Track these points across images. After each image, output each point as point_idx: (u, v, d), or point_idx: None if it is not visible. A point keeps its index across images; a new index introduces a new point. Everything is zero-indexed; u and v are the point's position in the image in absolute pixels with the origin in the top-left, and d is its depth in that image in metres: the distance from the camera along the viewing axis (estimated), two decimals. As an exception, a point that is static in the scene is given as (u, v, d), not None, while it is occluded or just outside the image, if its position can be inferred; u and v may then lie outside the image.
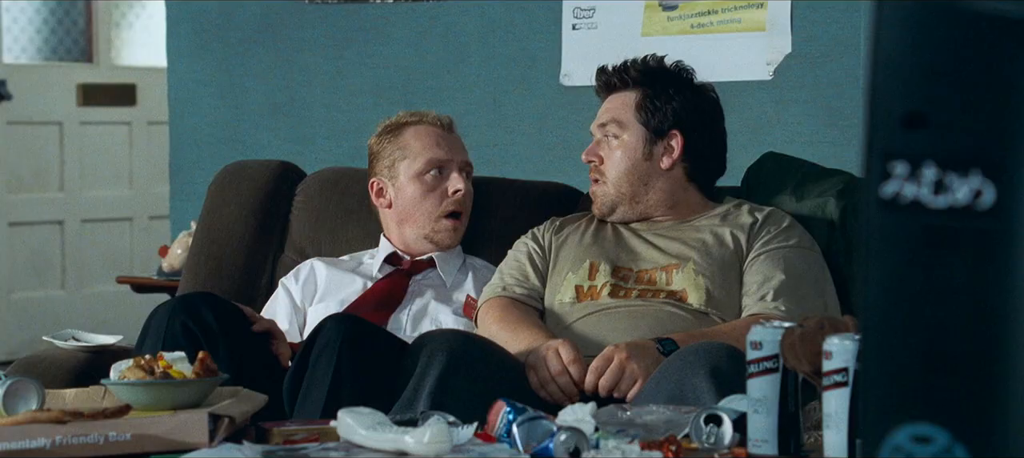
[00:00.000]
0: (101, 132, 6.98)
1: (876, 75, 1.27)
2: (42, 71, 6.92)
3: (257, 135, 4.65)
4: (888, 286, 1.28)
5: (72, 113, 6.89)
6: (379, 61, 4.49)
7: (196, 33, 4.76)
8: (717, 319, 3.05)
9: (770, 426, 2.32)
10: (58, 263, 6.81)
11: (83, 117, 6.92)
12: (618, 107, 3.25)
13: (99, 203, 6.97)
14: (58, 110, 6.85)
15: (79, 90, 6.88)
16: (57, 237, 6.87)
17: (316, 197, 3.67)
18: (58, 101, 6.85)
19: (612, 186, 3.24)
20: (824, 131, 3.93)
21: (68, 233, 6.88)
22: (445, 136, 3.42)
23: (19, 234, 6.75)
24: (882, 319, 1.28)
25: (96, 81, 6.93)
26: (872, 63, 1.28)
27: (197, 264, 3.67)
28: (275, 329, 3.14)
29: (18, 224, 6.75)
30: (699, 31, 4.07)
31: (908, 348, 1.27)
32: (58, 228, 6.86)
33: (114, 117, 7.01)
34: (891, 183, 1.26)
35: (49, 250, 6.84)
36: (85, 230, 6.93)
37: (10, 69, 6.76)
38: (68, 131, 6.88)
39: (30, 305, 6.69)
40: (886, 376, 1.28)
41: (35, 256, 6.76)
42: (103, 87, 6.91)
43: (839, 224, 3.26)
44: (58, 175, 6.89)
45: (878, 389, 1.28)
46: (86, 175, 6.93)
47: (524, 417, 2.37)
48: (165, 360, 2.60)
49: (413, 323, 3.28)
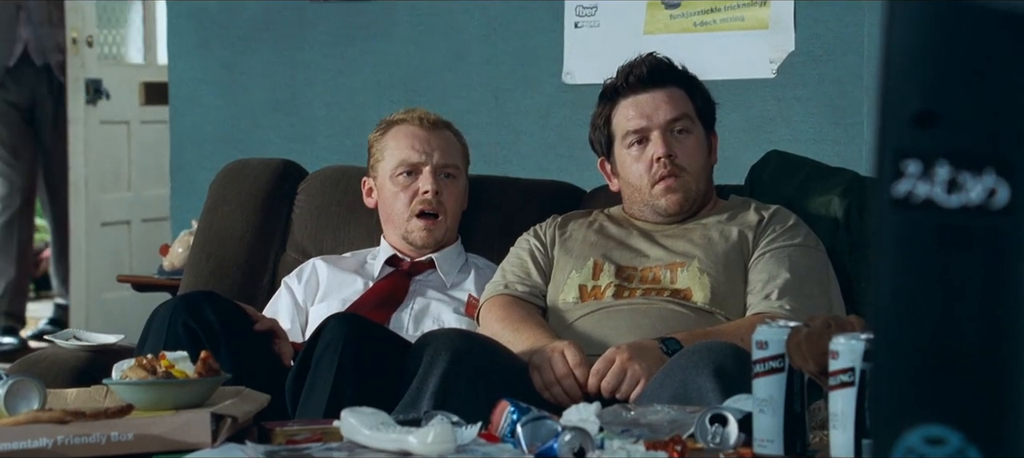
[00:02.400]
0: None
1: (888, 72, 1.26)
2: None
3: (258, 133, 4.64)
4: (900, 286, 1.26)
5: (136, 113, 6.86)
6: (381, 59, 4.48)
7: (197, 31, 4.75)
8: (722, 318, 3.03)
9: (776, 426, 2.30)
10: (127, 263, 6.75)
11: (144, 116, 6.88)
12: (677, 102, 3.19)
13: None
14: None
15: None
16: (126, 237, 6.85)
17: (318, 195, 3.66)
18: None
19: (694, 181, 3.19)
20: (827, 129, 3.92)
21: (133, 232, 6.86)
22: (424, 136, 3.40)
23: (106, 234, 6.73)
24: (894, 319, 1.27)
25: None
26: (884, 60, 1.26)
27: (198, 263, 3.66)
28: (277, 328, 3.13)
29: (108, 224, 6.72)
30: (702, 29, 4.06)
31: (920, 349, 1.26)
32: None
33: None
34: (903, 182, 1.25)
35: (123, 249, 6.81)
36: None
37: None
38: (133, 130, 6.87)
39: (114, 306, 6.62)
40: (898, 377, 1.26)
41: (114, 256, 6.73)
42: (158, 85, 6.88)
43: (844, 223, 3.25)
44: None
45: (889, 390, 1.27)
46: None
47: (528, 417, 2.36)
48: (167, 360, 2.59)
49: (415, 322, 3.27)
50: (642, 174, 3.19)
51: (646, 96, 3.20)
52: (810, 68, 3.94)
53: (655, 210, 3.20)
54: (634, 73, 3.21)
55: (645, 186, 3.19)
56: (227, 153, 4.40)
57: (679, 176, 3.17)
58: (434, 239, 3.38)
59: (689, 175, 3.18)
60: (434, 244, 3.39)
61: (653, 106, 3.18)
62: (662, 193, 3.17)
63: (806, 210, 3.26)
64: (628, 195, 3.25)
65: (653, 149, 3.17)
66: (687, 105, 3.21)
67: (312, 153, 4.34)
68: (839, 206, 3.26)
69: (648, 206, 3.21)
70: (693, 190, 3.19)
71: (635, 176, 3.20)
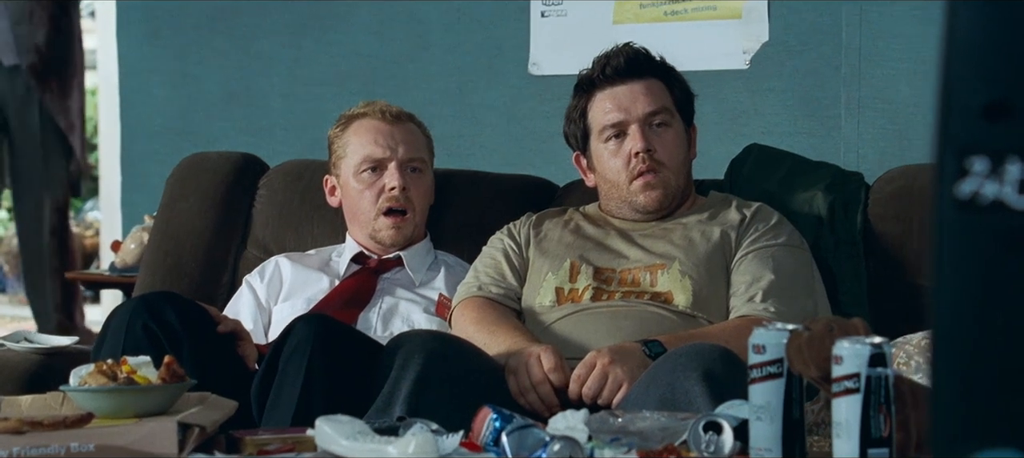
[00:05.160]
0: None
1: (951, 61, 1.15)
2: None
3: (212, 126, 4.53)
4: (965, 295, 1.16)
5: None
6: (340, 49, 4.36)
7: (148, 20, 4.64)
8: (704, 321, 2.93)
9: (774, 434, 2.20)
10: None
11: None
12: (656, 95, 3.10)
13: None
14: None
15: None
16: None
17: (280, 190, 3.55)
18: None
19: (674, 176, 3.10)
20: (802, 121, 3.82)
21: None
22: (387, 129, 3.29)
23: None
24: (958, 332, 1.16)
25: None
26: (946, 47, 1.15)
27: (155, 261, 3.53)
28: (241, 330, 3.01)
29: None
30: (673, 18, 3.95)
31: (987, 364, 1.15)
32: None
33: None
34: (969, 181, 1.14)
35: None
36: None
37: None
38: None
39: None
40: (962, 395, 1.16)
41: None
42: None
43: (828, 219, 3.17)
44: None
45: (952, 409, 1.16)
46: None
47: (513, 425, 2.26)
48: (129, 365, 2.47)
49: (383, 322, 3.17)
50: (620, 169, 3.08)
51: (623, 88, 3.09)
52: (785, 59, 3.84)
53: (633, 207, 3.09)
54: (611, 64, 3.11)
55: (623, 182, 3.08)
56: (180, 146, 4.31)
57: (658, 172, 3.07)
58: (403, 236, 3.27)
59: (668, 170, 3.08)
60: (403, 241, 3.27)
61: (631, 98, 3.08)
62: (641, 190, 3.07)
63: (789, 206, 3.17)
64: (605, 191, 3.14)
65: (631, 144, 3.06)
66: (666, 97, 3.11)
67: (269, 146, 4.22)
68: (823, 202, 3.18)
69: (626, 203, 3.10)
70: (673, 186, 3.09)
71: (612, 172, 3.10)
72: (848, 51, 3.75)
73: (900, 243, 3.15)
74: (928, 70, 3.66)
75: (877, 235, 3.17)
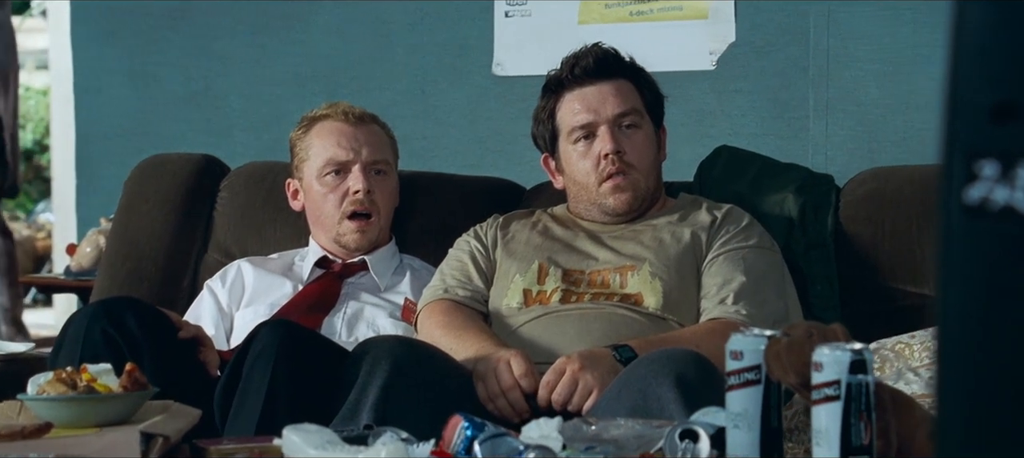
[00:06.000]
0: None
1: (959, 60, 1.10)
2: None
3: (170, 127, 4.46)
4: (972, 306, 1.11)
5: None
6: (301, 49, 4.30)
7: (104, 18, 4.57)
8: (675, 324, 2.89)
9: (751, 442, 2.16)
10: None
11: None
12: (626, 96, 3.06)
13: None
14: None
15: None
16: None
17: (242, 193, 3.49)
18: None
19: (644, 178, 3.06)
20: (769, 123, 3.79)
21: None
22: (351, 131, 3.24)
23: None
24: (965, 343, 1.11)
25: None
26: (954, 45, 1.11)
27: (113, 265, 3.47)
28: (203, 336, 2.95)
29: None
30: (638, 19, 3.91)
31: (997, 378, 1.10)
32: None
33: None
34: (978, 186, 1.10)
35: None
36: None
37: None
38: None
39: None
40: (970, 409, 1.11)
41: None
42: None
43: (798, 221, 3.13)
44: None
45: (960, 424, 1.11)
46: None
47: (486, 434, 2.21)
48: (89, 372, 2.41)
49: (348, 327, 3.12)
50: (589, 171, 3.04)
51: (593, 89, 3.05)
52: (752, 60, 3.80)
53: (602, 209, 3.05)
54: (580, 64, 3.06)
55: (592, 184, 3.04)
56: (137, 147, 4.25)
57: (628, 174, 3.03)
58: (368, 240, 3.22)
59: (638, 172, 3.04)
60: (368, 245, 3.22)
61: (600, 99, 3.03)
62: (610, 192, 3.03)
63: (759, 208, 3.14)
64: (574, 193, 3.10)
65: (600, 145, 3.02)
66: (636, 98, 3.06)
67: (229, 148, 4.15)
68: (793, 204, 3.14)
69: (595, 205, 3.06)
70: (642, 188, 3.05)
71: (581, 173, 3.05)
72: (816, 52, 3.71)
73: (872, 246, 3.12)
74: (897, 71, 3.63)
75: (848, 237, 3.14)
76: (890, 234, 3.11)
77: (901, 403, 2.13)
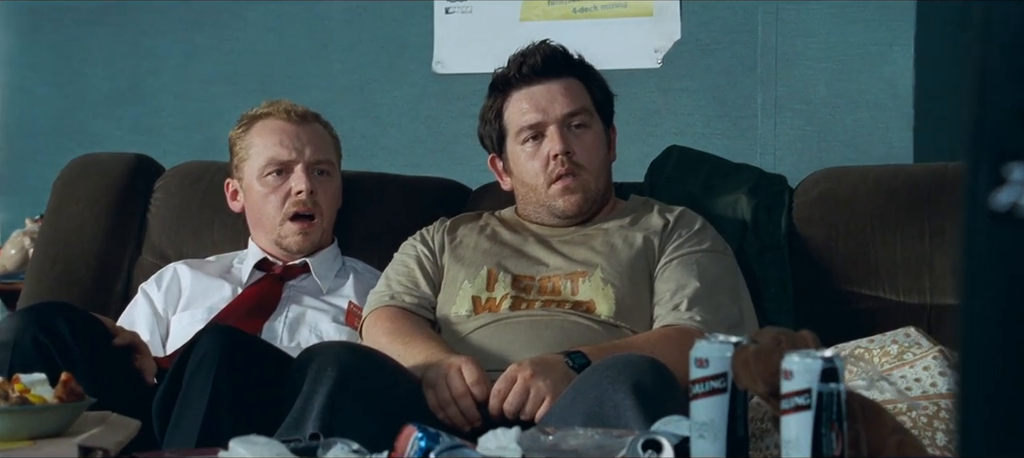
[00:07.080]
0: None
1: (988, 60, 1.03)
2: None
3: (98, 125, 4.35)
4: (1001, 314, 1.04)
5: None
6: (234, 46, 4.21)
7: (28, 13, 4.48)
8: (628, 331, 2.82)
9: (717, 452, 2.08)
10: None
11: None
12: (575, 95, 2.99)
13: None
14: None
15: None
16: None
17: (177, 194, 3.40)
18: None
19: (594, 179, 2.98)
20: (715, 122, 3.73)
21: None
22: (293, 130, 3.16)
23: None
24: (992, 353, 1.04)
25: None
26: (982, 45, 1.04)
27: (41, 268, 3.35)
28: (138, 342, 2.84)
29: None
30: (582, 16, 3.84)
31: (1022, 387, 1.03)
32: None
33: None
34: (1006, 190, 1.03)
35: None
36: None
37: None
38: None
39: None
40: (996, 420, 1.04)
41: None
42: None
43: (752, 223, 3.07)
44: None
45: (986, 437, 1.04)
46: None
47: (442, 445, 2.12)
48: (22, 383, 2.29)
49: (290, 332, 3.03)
50: (537, 172, 2.96)
51: (541, 88, 2.97)
52: (698, 58, 3.75)
53: (552, 211, 2.97)
54: (528, 62, 2.98)
55: (541, 186, 2.96)
56: (63, 147, 4.16)
57: (577, 175, 2.95)
58: (310, 242, 3.13)
59: (588, 173, 2.96)
60: (310, 247, 3.13)
61: (549, 99, 2.96)
62: (559, 193, 2.95)
63: (712, 210, 3.07)
64: (522, 195, 3.02)
65: (549, 145, 2.94)
66: (585, 98, 2.99)
67: (160, 147, 4.04)
68: (747, 206, 3.08)
69: (544, 207, 2.98)
70: (592, 189, 2.97)
71: (530, 175, 2.98)
72: (764, 50, 3.66)
73: (826, 248, 3.06)
74: (846, 70, 3.58)
75: (802, 239, 3.08)
76: (844, 236, 3.06)
77: (871, 411, 2.07)
